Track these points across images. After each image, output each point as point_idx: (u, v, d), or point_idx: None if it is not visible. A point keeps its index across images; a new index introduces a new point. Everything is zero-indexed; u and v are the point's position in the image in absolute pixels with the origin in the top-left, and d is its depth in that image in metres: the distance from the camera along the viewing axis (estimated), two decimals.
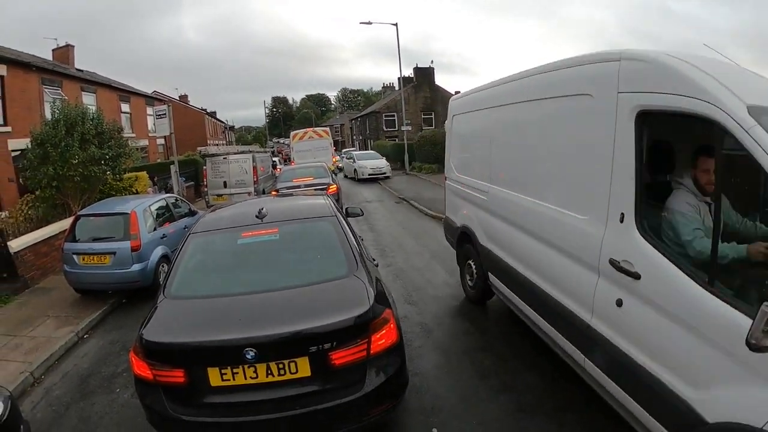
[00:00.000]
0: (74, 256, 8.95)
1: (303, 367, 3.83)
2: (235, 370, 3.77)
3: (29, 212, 13.57)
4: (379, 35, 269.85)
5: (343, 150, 47.46)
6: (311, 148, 27.71)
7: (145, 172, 19.60)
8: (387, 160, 34.91)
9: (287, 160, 41.44)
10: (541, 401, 5.16)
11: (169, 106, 17.37)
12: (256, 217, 5.38)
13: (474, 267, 7.53)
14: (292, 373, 3.83)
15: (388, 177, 30.67)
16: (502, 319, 7.36)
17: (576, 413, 4.88)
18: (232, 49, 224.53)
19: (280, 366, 3.80)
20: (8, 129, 18.13)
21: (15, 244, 10.37)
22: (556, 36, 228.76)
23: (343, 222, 5.49)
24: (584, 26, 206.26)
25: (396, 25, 32.55)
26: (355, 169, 32.16)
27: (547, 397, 5.21)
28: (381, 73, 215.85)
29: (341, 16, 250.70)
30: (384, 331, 4.02)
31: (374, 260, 5.95)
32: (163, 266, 9.38)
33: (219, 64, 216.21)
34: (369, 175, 30.60)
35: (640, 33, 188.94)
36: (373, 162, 31.94)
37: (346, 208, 8.44)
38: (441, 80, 55.52)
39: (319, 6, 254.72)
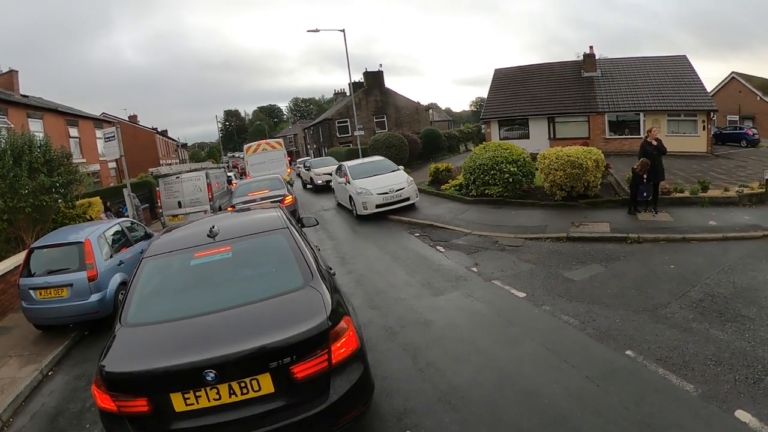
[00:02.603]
0: (31, 291, 8.70)
1: (265, 384, 3.85)
2: (197, 394, 3.77)
3: None
4: (322, 42, 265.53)
5: (307, 160, 44.60)
6: (265, 160, 27.59)
7: (98, 197, 19.23)
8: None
9: (243, 173, 40.98)
10: (513, 389, 5.35)
11: (117, 127, 17.01)
12: (208, 236, 5.34)
13: None
14: (255, 391, 3.84)
15: (413, 206, 17.05)
16: (466, 314, 7.51)
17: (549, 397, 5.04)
18: (174, 66, 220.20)
19: (242, 385, 3.82)
20: None
21: None
22: (499, 30, 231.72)
23: (296, 233, 5.49)
24: (525, 18, 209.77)
25: (343, 31, 32.50)
26: (350, 196, 17.49)
27: (518, 386, 5.40)
28: (328, 80, 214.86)
29: (279, 26, 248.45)
30: (344, 340, 4.07)
31: (331, 269, 5.99)
32: (122, 293, 9.17)
33: (163, 82, 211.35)
34: (379, 207, 16.25)
35: (580, 22, 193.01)
36: (384, 181, 17.03)
37: (301, 218, 8.43)
38: (388, 82, 55.99)
39: (254, 17, 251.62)
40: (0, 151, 12.78)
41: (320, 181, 29.43)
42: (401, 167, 19.41)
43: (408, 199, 16.74)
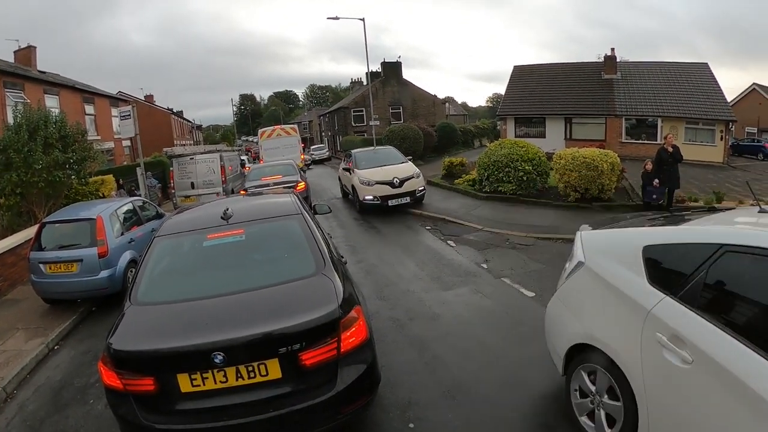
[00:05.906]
0: (41, 265, 8.75)
1: (273, 369, 3.83)
2: (204, 375, 3.75)
3: None
4: (334, 31, 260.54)
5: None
6: (280, 145, 27.71)
7: (111, 175, 19.33)
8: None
9: (256, 158, 41.03)
10: (519, 389, 5.29)
11: (133, 106, 17.14)
12: (222, 218, 5.29)
13: None
14: (262, 376, 3.82)
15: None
16: (474, 310, 7.46)
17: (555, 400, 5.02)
18: (182, 51, 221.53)
19: (250, 369, 3.80)
20: None
21: None
22: (511, 25, 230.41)
23: (310, 220, 5.44)
24: (539, 13, 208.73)
25: (363, 20, 32.39)
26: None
27: (524, 387, 5.34)
28: (341, 68, 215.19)
29: (285, 13, 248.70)
30: (354, 329, 4.04)
31: (342, 257, 5.95)
32: (131, 271, 9.20)
33: (173, 66, 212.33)
34: None
35: (597, 22, 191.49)
36: None
37: (314, 206, 8.40)
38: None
39: (258, 3, 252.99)
40: (15, 125, 12.88)
41: (369, 196, 15.24)
42: None
43: None
